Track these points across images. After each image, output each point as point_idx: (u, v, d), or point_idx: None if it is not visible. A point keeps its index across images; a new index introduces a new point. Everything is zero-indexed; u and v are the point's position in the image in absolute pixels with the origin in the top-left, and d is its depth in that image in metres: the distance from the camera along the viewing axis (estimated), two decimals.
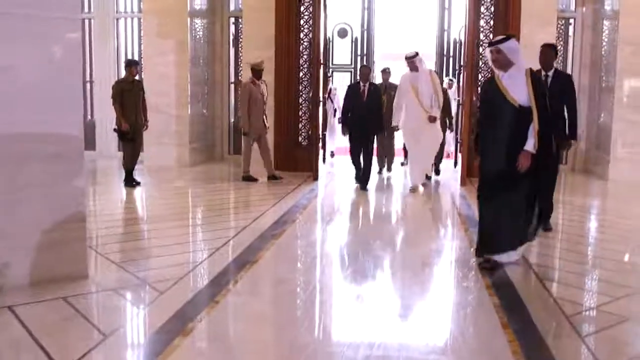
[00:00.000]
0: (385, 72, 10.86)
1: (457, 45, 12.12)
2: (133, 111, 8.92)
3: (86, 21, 12.12)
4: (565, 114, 6.19)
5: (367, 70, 9.33)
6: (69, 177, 4.46)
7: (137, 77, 9.30)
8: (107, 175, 10.38)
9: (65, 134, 4.44)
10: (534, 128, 4.70)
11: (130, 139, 8.97)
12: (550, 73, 6.27)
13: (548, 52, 6.29)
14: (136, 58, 12.23)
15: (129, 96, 8.89)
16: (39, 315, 3.87)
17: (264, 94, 9.58)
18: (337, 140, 12.96)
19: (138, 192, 8.77)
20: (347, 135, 9.16)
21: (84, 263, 4.59)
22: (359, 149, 9.02)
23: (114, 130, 9.05)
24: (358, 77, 9.68)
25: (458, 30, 12.07)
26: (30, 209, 4.33)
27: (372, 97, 8.97)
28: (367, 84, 9.03)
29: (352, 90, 9.16)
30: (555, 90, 5.99)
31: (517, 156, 4.76)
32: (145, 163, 10.90)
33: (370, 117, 8.86)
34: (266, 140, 9.69)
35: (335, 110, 12.76)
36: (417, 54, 8.78)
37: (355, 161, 9.10)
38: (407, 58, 8.81)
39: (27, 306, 3.99)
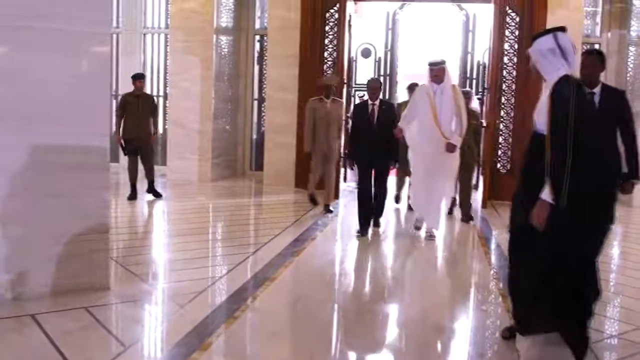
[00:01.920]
0: (413, 90, 9.57)
1: (481, 67, 12.12)
2: (134, 124, 8.79)
3: (114, 36, 12.32)
4: (620, 143, 4.39)
5: (376, 84, 7.31)
6: (94, 188, 4.52)
7: (145, 91, 9.27)
8: (129, 189, 10.47)
9: (91, 146, 4.50)
10: (547, 164, 3.37)
11: (133, 152, 8.91)
12: (597, 90, 4.42)
13: (592, 61, 4.42)
14: (162, 73, 12.39)
15: (131, 109, 8.78)
16: (60, 324, 3.92)
17: (334, 113, 8.37)
18: None
19: (159, 205, 8.84)
20: (355, 169, 7.47)
21: (106, 274, 4.64)
22: (368, 186, 7.22)
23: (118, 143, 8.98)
24: (365, 95, 7.69)
25: (482, 52, 12.08)
26: (54, 219, 4.39)
27: (384, 118, 7.07)
28: (376, 102, 7.13)
29: (359, 111, 7.29)
30: (605, 113, 4.33)
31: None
32: (168, 177, 10.99)
33: (381, 145, 7.00)
34: (332, 165, 8.46)
35: None
36: (444, 61, 6.93)
37: (362, 202, 7.21)
38: (431, 65, 6.90)
39: (49, 315, 4.04)
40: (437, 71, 6.83)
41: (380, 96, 7.39)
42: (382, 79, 13.27)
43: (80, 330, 3.88)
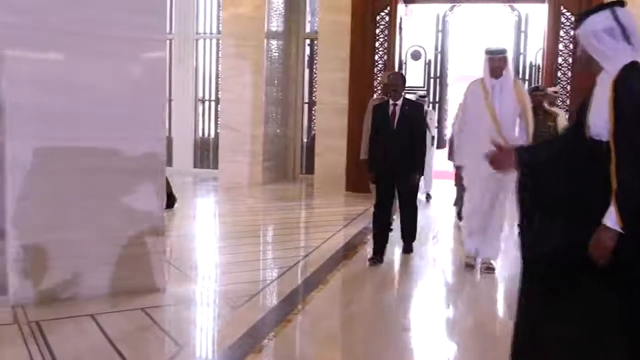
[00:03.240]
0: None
1: (534, 69, 11.92)
2: None
3: (167, 41, 12.56)
4: None
5: (397, 80, 5.97)
6: (149, 192, 4.60)
7: None
8: (182, 191, 10.64)
9: (147, 150, 4.59)
10: (613, 181, 2.35)
11: None
12: None
13: None
14: (213, 78, 12.55)
15: None
16: (118, 324, 4.00)
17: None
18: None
19: (211, 208, 8.95)
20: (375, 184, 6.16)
21: (161, 276, 4.71)
22: (385, 203, 6.01)
23: None
24: (387, 92, 6.44)
25: (534, 53, 11.87)
26: (111, 222, 4.49)
27: (407, 122, 5.81)
28: (399, 102, 5.86)
29: (377, 113, 6.03)
30: None
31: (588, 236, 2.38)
32: (219, 180, 11.13)
33: (402, 153, 5.78)
34: None
35: (432, 139, 9.95)
36: (505, 50, 5.58)
37: (377, 220, 6.04)
38: (490, 53, 5.46)
39: (107, 315, 4.13)
40: (499, 61, 5.40)
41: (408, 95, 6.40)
42: (432, 81, 13.19)
43: (137, 330, 3.96)
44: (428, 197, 9.82)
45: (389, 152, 5.81)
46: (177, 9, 12.64)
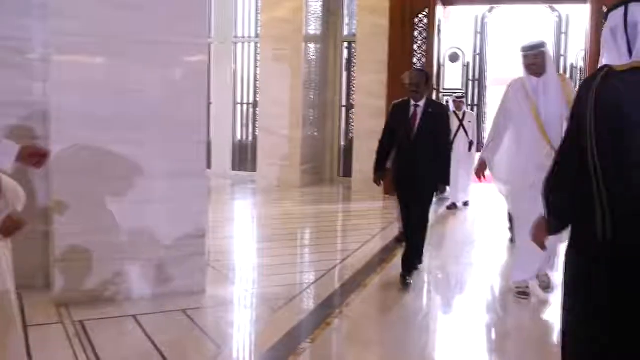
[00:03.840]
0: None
1: (575, 70, 11.72)
2: None
3: (208, 46, 12.68)
4: None
5: (418, 77, 5.25)
6: (191, 194, 4.66)
7: None
8: (220, 194, 10.73)
9: (189, 153, 4.64)
10: None
11: None
12: None
13: None
14: (252, 82, 12.62)
15: None
16: (160, 325, 4.06)
17: None
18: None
19: (249, 211, 9.01)
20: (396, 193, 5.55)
21: (202, 278, 4.76)
22: (408, 214, 5.34)
23: None
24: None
25: (576, 54, 11.68)
26: (154, 224, 4.55)
27: (430, 126, 5.16)
28: (420, 103, 5.20)
29: (396, 114, 5.36)
30: None
31: None
32: (257, 183, 11.20)
33: (423, 161, 5.11)
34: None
35: (470, 144, 9.52)
36: (543, 44, 4.88)
37: (406, 232, 5.47)
38: (525, 50, 4.83)
39: (149, 316, 4.19)
40: (534, 58, 4.75)
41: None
42: (470, 83, 13.05)
43: (178, 331, 4.01)
44: (453, 206, 9.25)
45: (408, 159, 5.20)
46: (216, 13, 12.76)
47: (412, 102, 5.21)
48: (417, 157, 5.15)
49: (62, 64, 4.31)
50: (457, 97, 9.72)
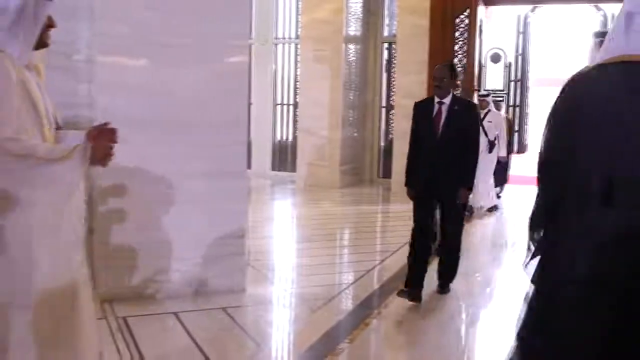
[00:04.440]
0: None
1: None
2: None
3: (250, 47, 12.80)
4: None
5: (442, 72, 4.72)
6: (232, 194, 4.71)
7: None
8: (260, 194, 10.82)
9: (231, 153, 4.70)
10: None
11: None
12: None
13: None
14: (292, 82, 12.68)
15: None
16: (200, 322, 4.12)
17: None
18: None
19: (288, 211, 9.07)
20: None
21: (242, 277, 4.81)
22: (425, 223, 4.78)
23: None
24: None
25: None
26: (196, 224, 4.61)
27: (456, 125, 4.66)
28: (445, 101, 4.69)
29: (419, 113, 4.88)
30: None
31: None
32: (296, 183, 11.25)
33: (448, 163, 4.60)
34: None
35: (491, 145, 8.90)
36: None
37: (414, 244, 4.78)
38: (597, 36, 3.57)
39: (190, 314, 4.25)
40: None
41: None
42: (512, 84, 12.89)
43: (218, 329, 4.06)
44: (470, 210, 7.98)
45: (431, 161, 4.66)
46: (257, 14, 12.87)
47: (436, 99, 4.71)
48: (441, 161, 4.58)
49: (107, 66, 4.41)
50: (481, 96, 9.56)
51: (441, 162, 4.61)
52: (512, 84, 13.14)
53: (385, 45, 12.20)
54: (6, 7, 2.25)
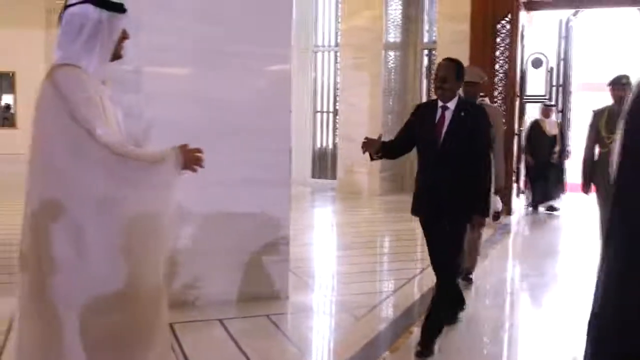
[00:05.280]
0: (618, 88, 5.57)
1: None
2: None
3: (291, 55, 12.88)
4: None
5: (446, 70, 3.90)
6: (275, 201, 4.75)
7: None
8: (300, 201, 10.86)
9: (274, 160, 4.74)
10: None
11: None
12: None
13: None
14: (330, 90, 12.71)
15: None
16: (244, 329, 4.16)
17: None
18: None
19: (329, 218, 9.08)
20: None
21: (285, 284, 4.84)
22: (433, 246, 4.06)
23: None
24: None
25: None
26: (239, 230, 4.66)
27: (462, 133, 3.81)
28: (450, 105, 3.85)
29: (420, 117, 4.06)
30: None
31: None
32: (337, 191, 11.26)
33: (454, 177, 3.79)
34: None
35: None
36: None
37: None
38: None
39: (234, 320, 4.30)
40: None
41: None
42: (554, 89, 12.69)
43: (262, 336, 4.10)
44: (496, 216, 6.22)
45: (433, 181, 3.87)
46: (297, 22, 12.96)
47: (440, 103, 3.90)
48: (443, 177, 3.81)
49: (153, 76, 4.49)
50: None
51: (443, 176, 3.80)
52: (554, 89, 12.90)
53: (425, 51, 12.15)
54: (84, 23, 2.31)
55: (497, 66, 10.25)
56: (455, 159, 3.79)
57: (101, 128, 2.26)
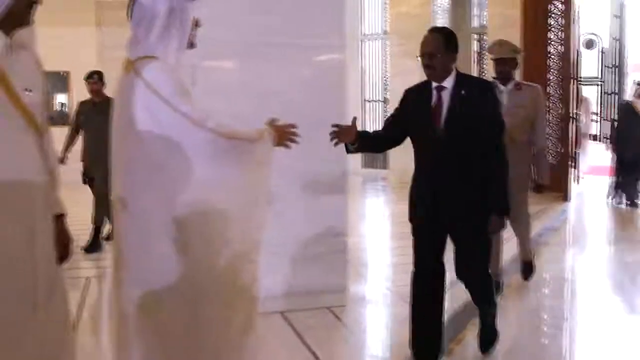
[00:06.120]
0: None
1: None
2: (93, 143, 6.26)
3: (344, 46, 12.83)
4: None
5: (432, 39, 3.48)
6: (332, 192, 4.72)
7: (106, 95, 6.02)
8: (351, 192, 10.78)
9: (329, 153, 4.69)
10: None
11: (88, 182, 6.37)
12: None
13: None
14: (379, 78, 12.61)
15: (90, 123, 6.26)
16: (306, 322, 4.16)
17: (518, 109, 4.70)
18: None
19: (381, 208, 9.02)
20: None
21: (343, 275, 4.81)
22: (429, 266, 3.50)
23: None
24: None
25: None
26: (297, 222, 4.64)
27: (466, 117, 3.20)
28: (446, 84, 3.31)
29: (411, 104, 3.49)
30: None
31: None
32: (388, 180, 11.18)
33: (458, 174, 3.20)
34: (519, 196, 4.70)
35: None
36: None
37: (418, 299, 3.56)
38: None
39: (296, 313, 4.30)
40: None
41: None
42: (607, 70, 12.33)
43: (324, 328, 4.10)
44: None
45: (433, 170, 3.28)
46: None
47: (434, 84, 3.30)
48: (447, 166, 3.20)
49: (207, 70, 4.50)
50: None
51: (445, 172, 3.21)
52: (608, 70, 12.57)
53: (475, 36, 11.94)
54: (156, 14, 2.31)
55: (550, 49, 10.01)
56: (462, 150, 3.16)
57: (211, 119, 2.28)
